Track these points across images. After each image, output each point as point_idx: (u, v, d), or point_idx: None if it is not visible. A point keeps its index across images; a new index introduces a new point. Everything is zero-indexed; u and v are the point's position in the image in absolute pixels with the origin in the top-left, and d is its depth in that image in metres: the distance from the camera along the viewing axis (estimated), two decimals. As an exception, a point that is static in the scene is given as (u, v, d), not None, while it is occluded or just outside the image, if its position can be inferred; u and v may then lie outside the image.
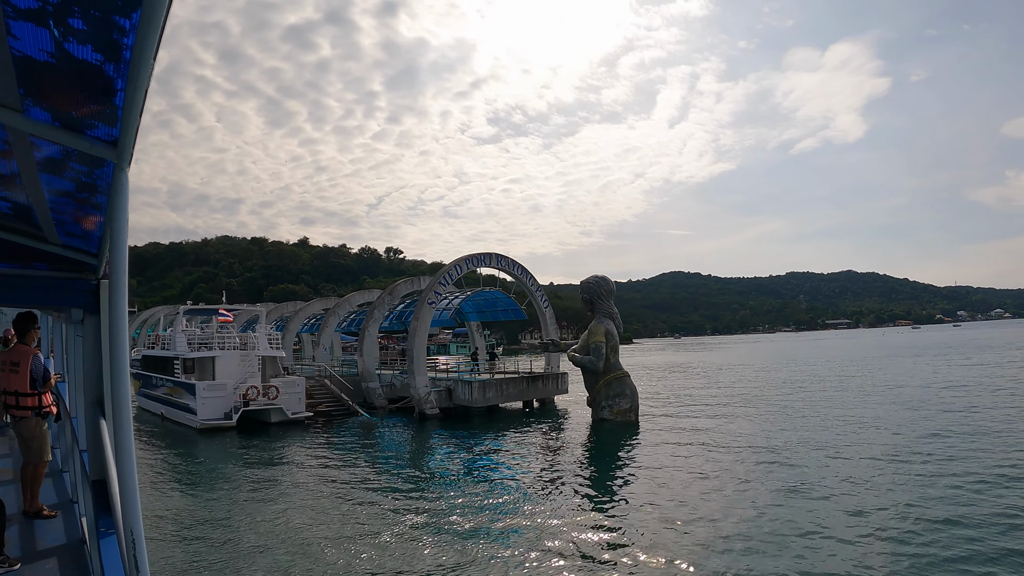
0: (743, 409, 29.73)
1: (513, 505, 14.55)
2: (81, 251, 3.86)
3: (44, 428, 5.89)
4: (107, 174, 2.35)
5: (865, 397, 31.95)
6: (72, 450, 5.56)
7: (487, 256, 31.85)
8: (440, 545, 11.77)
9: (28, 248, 3.70)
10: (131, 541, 2.08)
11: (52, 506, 5.57)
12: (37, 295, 4.43)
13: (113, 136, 2.03)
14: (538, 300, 34.11)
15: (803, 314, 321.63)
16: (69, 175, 2.47)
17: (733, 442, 21.12)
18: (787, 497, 14.34)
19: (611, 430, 25.50)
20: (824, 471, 16.53)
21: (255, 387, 26.45)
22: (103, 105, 1.87)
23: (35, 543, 4.78)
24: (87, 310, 4.31)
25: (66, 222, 3.25)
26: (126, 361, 2.16)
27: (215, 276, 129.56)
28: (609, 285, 29.22)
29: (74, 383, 5.71)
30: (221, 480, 18.01)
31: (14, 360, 5.80)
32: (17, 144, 2.18)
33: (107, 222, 3.07)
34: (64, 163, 2.34)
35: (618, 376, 27.66)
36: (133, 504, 2.08)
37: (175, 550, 11.91)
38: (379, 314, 33.01)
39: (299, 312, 43.42)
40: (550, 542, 11.75)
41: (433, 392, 28.68)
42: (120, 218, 2.11)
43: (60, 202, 2.85)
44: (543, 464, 19.20)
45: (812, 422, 25.15)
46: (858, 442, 20.19)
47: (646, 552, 11.13)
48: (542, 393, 32.18)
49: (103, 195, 2.64)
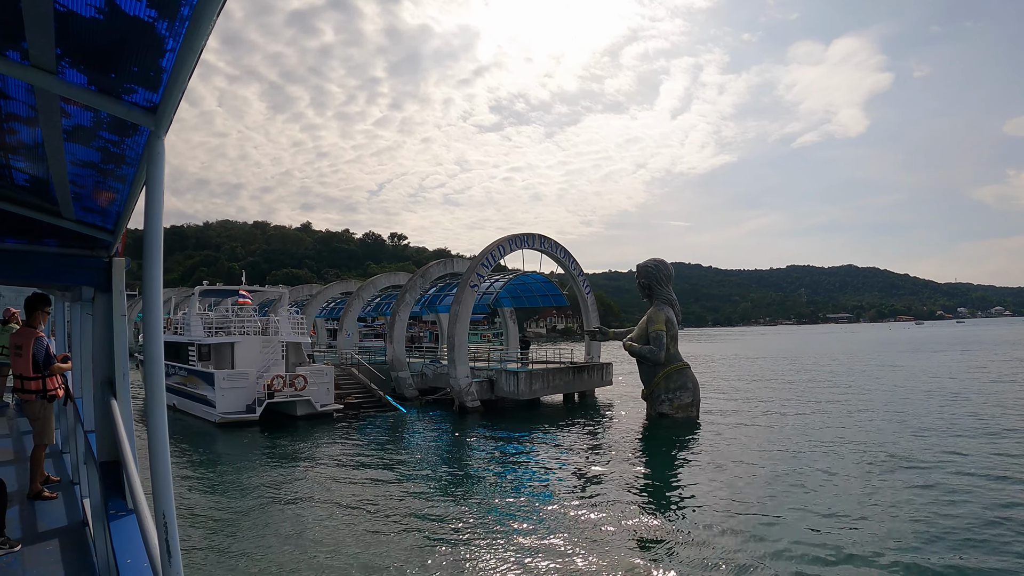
0: (806, 404, 27.80)
1: (579, 515, 12.58)
2: (96, 227, 3.72)
3: (49, 411, 5.78)
4: (138, 143, 2.29)
5: (931, 393, 29.77)
6: (75, 431, 5.47)
7: (530, 237, 29.34)
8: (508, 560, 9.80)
9: (40, 223, 3.57)
10: (163, 524, 1.94)
11: (52, 488, 5.49)
12: (46, 272, 4.22)
13: (152, 102, 1.94)
14: (580, 286, 31.64)
15: (804, 307, 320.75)
16: (96, 144, 2.39)
17: (810, 440, 19.72)
18: (914, 504, 12.76)
19: (671, 427, 23.21)
20: (944, 470, 14.65)
21: (280, 376, 23.81)
22: (147, 67, 1.76)
23: (36, 525, 4.70)
24: (98, 288, 4.13)
25: (84, 196, 3.14)
26: (160, 339, 2.00)
27: (217, 260, 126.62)
28: (668, 269, 26.78)
29: (81, 363, 5.58)
30: (247, 485, 15.41)
31: (18, 343, 5.74)
32: (45, 110, 2.09)
33: (130, 196, 2.99)
34: (93, 131, 2.26)
35: (679, 368, 25.28)
36: (165, 485, 1.96)
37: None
38: (410, 298, 30.46)
39: (317, 296, 40.75)
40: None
41: (474, 383, 26.21)
42: (157, 189, 1.98)
43: (82, 174, 2.75)
44: (605, 467, 16.99)
45: (890, 416, 23.55)
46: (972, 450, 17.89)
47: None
48: (587, 385, 29.76)
49: (130, 166, 2.58)
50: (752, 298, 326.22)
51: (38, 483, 5.39)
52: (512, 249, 28.39)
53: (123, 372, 3.98)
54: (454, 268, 33.06)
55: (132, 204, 3.17)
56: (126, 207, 3.25)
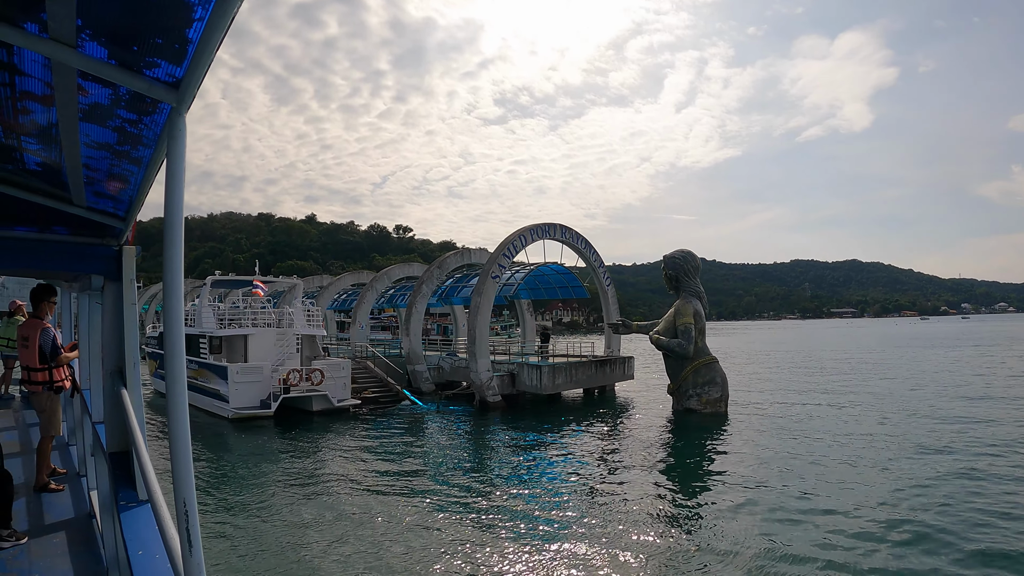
0: (833, 398, 27.13)
1: (615, 517, 11.87)
2: (107, 214, 3.60)
3: (55, 402, 5.72)
4: (156, 122, 2.24)
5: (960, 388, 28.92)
6: (82, 423, 5.41)
7: (551, 227, 28.45)
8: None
9: (50, 210, 3.47)
10: (184, 512, 1.85)
11: (58, 480, 5.44)
12: (56, 261, 4.10)
13: (175, 76, 1.86)
14: (601, 277, 30.76)
15: (808, 302, 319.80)
16: (113, 124, 2.31)
17: (848, 437, 19.14)
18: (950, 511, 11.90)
19: (699, 423, 22.45)
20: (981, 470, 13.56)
21: (297, 370, 22.98)
22: (172, 39, 1.68)
23: (42, 517, 4.65)
24: (108, 277, 4.01)
25: (97, 180, 3.03)
26: (180, 321, 1.89)
27: (222, 252, 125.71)
28: (695, 261, 25.94)
29: (89, 354, 5.48)
30: (266, 483, 14.64)
31: (24, 335, 5.68)
32: (62, 87, 2.01)
33: (145, 179, 2.91)
34: (111, 110, 2.18)
35: (707, 362, 24.49)
36: (186, 472, 1.86)
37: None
38: (427, 289, 29.61)
39: (328, 287, 39.93)
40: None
41: (495, 377, 25.39)
42: (178, 166, 1.88)
43: (96, 156, 2.65)
44: (635, 465, 16.26)
45: (920, 411, 22.95)
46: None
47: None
48: (609, 379, 28.94)
49: (147, 147, 2.50)
50: (756, 292, 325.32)
51: (45, 475, 5.33)
52: (534, 239, 27.52)
53: (133, 361, 3.89)
54: (471, 259, 32.22)
55: (146, 189, 3.08)
56: (140, 192, 3.15)
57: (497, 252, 26.09)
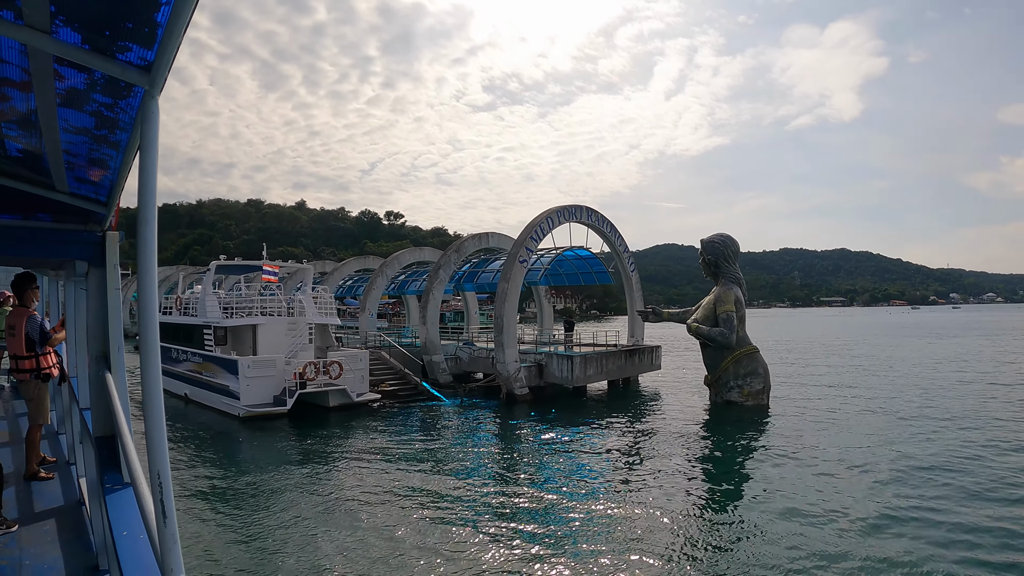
0: (873, 390, 25.94)
1: (666, 521, 10.99)
2: (90, 199, 3.64)
3: (43, 390, 5.71)
4: (132, 106, 2.26)
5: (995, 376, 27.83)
6: (70, 410, 5.45)
7: (577, 209, 26.83)
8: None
9: (33, 197, 3.53)
10: (158, 485, 1.88)
11: (48, 468, 5.42)
12: (40, 247, 4.17)
13: (147, 60, 1.88)
14: (626, 263, 29.19)
15: (797, 291, 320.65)
16: (90, 108, 2.34)
17: (899, 430, 18.50)
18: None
19: (740, 416, 21.10)
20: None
21: (313, 363, 21.09)
22: (141, 23, 1.71)
23: (32, 505, 4.67)
24: (92, 263, 4.02)
25: (78, 166, 3.08)
26: (154, 307, 1.90)
27: (211, 238, 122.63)
28: (735, 245, 24.49)
29: (75, 342, 5.50)
30: (288, 492, 13.01)
31: (11, 323, 5.69)
32: (39, 73, 2.05)
33: (124, 163, 2.94)
34: (87, 94, 2.21)
35: (749, 352, 23.08)
36: (160, 446, 1.90)
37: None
38: (444, 274, 27.87)
39: (333, 273, 38.05)
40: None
41: (522, 369, 23.81)
42: (151, 150, 1.90)
43: (75, 141, 2.70)
44: (680, 463, 15.31)
45: (969, 403, 21.86)
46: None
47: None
48: (638, 369, 27.48)
49: (124, 131, 2.53)
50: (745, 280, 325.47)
51: (34, 464, 5.31)
52: (560, 222, 25.89)
53: (118, 346, 3.89)
54: (489, 243, 30.54)
55: (125, 172, 3.08)
56: (119, 176, 3.18)
57: (524, 235, 24.42)
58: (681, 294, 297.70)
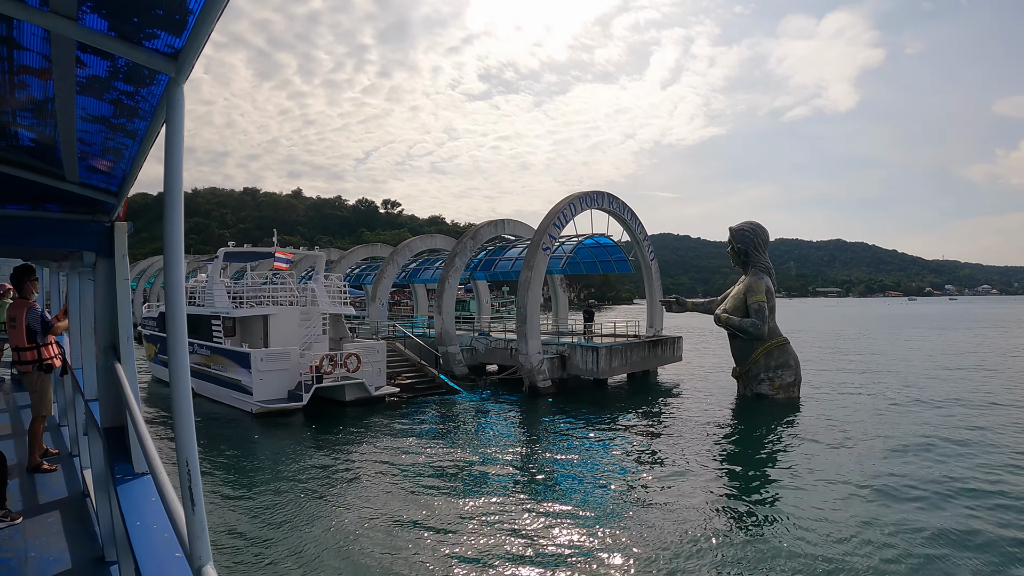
0: (904, 383, 25.30)
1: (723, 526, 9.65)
2: (100, 189, 3.55)
3: (46, 382, 5.68)
4: (154, 94, 2.17)
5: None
6: (74, 402, 5.43)
7: (599, 195, 25.88)
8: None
9: (42, 187, 3.45)
10: (187, 472, 1.80)
11: (51, 460, 5.40)
12: (47, 238, 4.06)
13: (174, 47, 1.80)
14: (646, 251, 28.33)
15: (793, 281, 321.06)
16: (110, 96, 2.23)
17: (943, 423, 18.02)
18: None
19: (771, 409, 20.36)
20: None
21: (331, 356, 20.04)
22: (172, 9, 1.63)
23: (36, 497, 4.68)
24: (100, 254, 3.96)
25: (91, 155, 2.96)
26: (181, 291, 1.84)
27: (207, 227, 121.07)
28: (765, 234, 23.62)
29: (80, 333, 5.38)
30: (313, 496, 12.16)
31: (12, 315, 5.69)
32: (60, 60, 1.96)
33: (139, 152, 2.83)
34: (108, 82, 2.10)
35: (780, 343, 22.27)
36: (188, 432, 1.83)
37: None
38: (460, 262, 26.91)
39: (340, 261, 37.03)
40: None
41: (545, 360, 22.94)
42: (177, 137, 1.81)
43: (91, 130, 2.58)
44: (720, 462, 14.57)
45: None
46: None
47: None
48: (660, 360, 26.65)
49: (143, 120, 2.43)
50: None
51: (37, 456, 5.26)
52: (582, 208, 24.93)
53: (127, 336, 3.83)
54: (504, 231, 29.59)
55: (140, 163, 2.99)
56: (133, 166, 3.07)
57: (547, 222, 23.44)
58: (677, 283, 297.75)
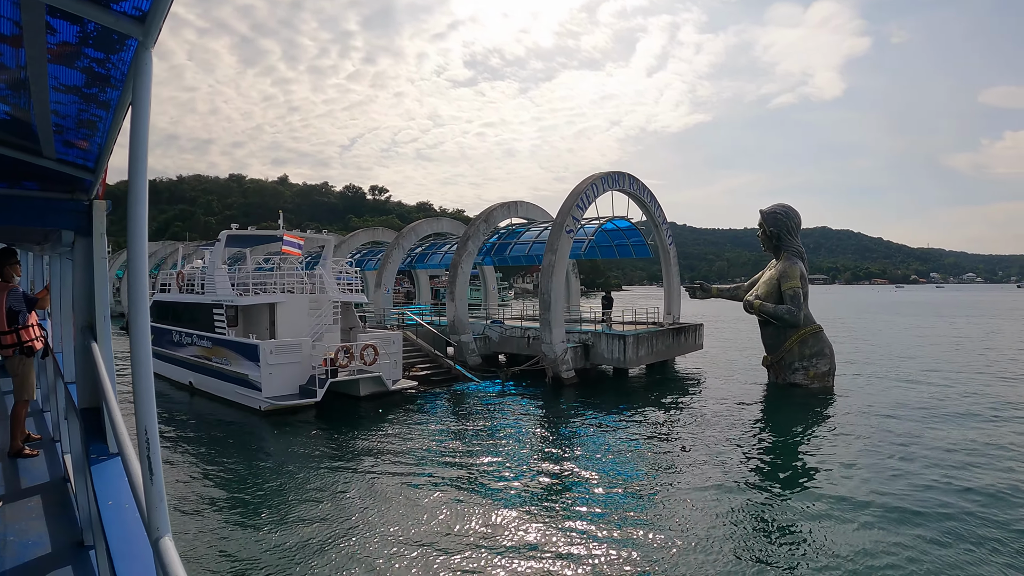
0: (936, 370, 24.66)
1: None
2: (77, 166, 3.54)
3: (27, 365, 5.60)
4: (124, 61, 2.14)
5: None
6: (55, 386, 5.40)
7: (620, 176, 24.71)
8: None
9: (19, 163, 3.43)
10: (145, 441, 1.80)
11: (33, 445, 5.31)
12: (26, 217, 4.02)
13: (141, 9, 1.78)
14: (664, 235, 27.19)
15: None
16: (81, 64, 2.20)
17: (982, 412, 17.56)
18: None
19: (808, 401, 19.44)
20: None
21: (346, 348, 18.62)
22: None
23: (17, 482, 4.58)
24: (79, 233, 3.96)
25: (67, 128, 2.93)
26: (144, 271, 1.85)
27: (192, 214, 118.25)
28: (798, 217, 22.56)
29: (61, 316, 5.37)
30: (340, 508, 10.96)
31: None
32: (30, 26, 1.95)
33: (113, 124, 2.78)
34: (79, 48, 2.09)
35: (814, 331, 21.31)
36: (148, 404, 1.81)
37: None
38: (473, 246, 25.62)
39: (340, 246, 35.54)
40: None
41: (569, 350, 21.81)
42: (143, 104, 1.80)
43: (64, 101, 2.57)
44: (765, 457, 13.49)
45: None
46: None
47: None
48: (683, 349, 25.64)
49: (115, 89, 2.40)
50: (728, 257, 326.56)
51: (19, 441, 5.18)
52: (604, 189, 23.74)
53: (104, 315, 3.83)
54: (516, 213, 28.34)
55: (115, 135, 2.93)
56: (108, 139, 3.03)
57: (570, 202, 22.21)
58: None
